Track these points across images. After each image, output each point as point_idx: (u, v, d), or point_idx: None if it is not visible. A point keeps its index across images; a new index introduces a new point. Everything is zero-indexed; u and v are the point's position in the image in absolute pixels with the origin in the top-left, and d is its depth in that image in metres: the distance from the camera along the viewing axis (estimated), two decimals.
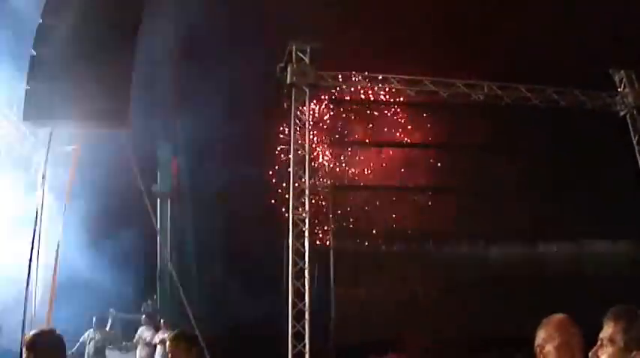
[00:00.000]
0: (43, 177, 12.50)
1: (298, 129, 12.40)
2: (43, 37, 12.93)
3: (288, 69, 12.49)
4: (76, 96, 11.97)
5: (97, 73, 12.67)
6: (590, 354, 2.64)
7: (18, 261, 12.17)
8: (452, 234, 12.51)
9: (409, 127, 12.89)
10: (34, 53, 12.75)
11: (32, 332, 4.06)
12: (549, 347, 2.80)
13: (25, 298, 11.90)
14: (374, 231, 12.54)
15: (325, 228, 12.42)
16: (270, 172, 12.68)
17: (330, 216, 12.52)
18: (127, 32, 13.06)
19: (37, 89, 12.14)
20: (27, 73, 12.30)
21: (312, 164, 12.53)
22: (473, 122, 13.24)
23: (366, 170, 12.79)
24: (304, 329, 11.70)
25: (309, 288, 11.81)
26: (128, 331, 12.62)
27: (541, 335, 2.86)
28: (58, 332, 3.89)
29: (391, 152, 12.91)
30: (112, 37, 13.06)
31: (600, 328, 2.65)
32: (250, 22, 12.41)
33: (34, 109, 12.33)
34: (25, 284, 12.03)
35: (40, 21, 12.76)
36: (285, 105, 12.66)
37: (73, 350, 11.20)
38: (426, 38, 12.67)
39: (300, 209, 12.13)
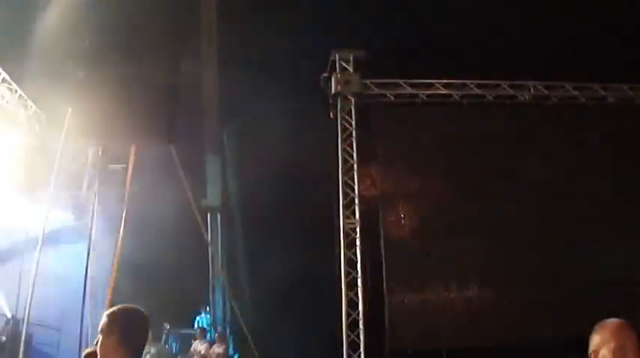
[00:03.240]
0: (95, 195, 12.79)
1: (345, 138, 12.38)
2: (89, 58, 13.18)
3: (332, 78, 12.49)
4: (122, 114, 12.21)
5: (144, 91, 12.88)
6: None
7: (72, 274, 12.48)
8: (507, 239, 12.33)
9: (460, 132, 12.75)
10: (81, 74, 13.00)
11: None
12: (604, 352, 2.76)
13: (83, 305, 12.21)
14: (425, 238, 12.43)
15: (377, 236, 12.34)
16: (321, 182, 12.66)
17: (380, 224, 12.45)
18: (172, 50, 13.23)
19: (83, 108, 12.40)
20: (73, 93, 12.56)
21: (361, 173, 12.47)
22: (521, 122, 13.06)
23: (416, 177, 12.68)
24: (359, 338, 11.68)
25: (362, 298, 11.79)
26: (183, 345, 12.73)
27: (595, 340, 2.83)
28: None
29: (442, 159, 12.77)
30: (156, 56, 13.26)
31: None
32: (294, 32, 12.44)
33: (79, 128, 12.59)
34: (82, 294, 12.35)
35: (86, 43, 13.02)
36: (331, 114, 12.65)
37: None
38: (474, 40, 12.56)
39: (351, 218, 12.11)
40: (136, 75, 12.77)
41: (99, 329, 3.06)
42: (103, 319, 3.07)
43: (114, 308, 3.12)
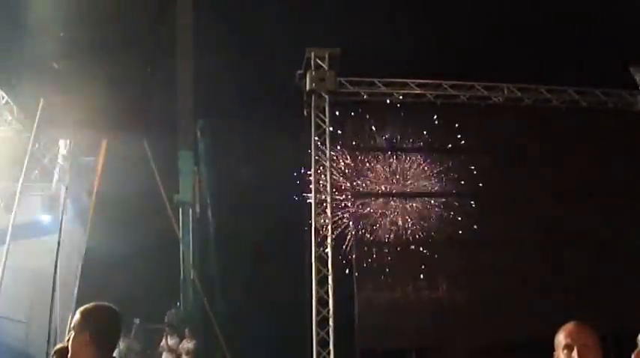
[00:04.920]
0: (67, 188, 12.68)
1: (319, 136, 12.39)
2: (63, 50, 13.09)
3: (307, 76, 12.49)
4: (94, 106, 12.12)
5: (118, 84, 12.80)
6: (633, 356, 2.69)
7: (42, 268, 12.36)
8: (476, 239, 12.43)
9: (433, 132, 12.86)
10: (55, 66, 12.90)
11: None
12: (558, 353, 2.83)
13: (52, 299, 12.10)
14: (396, 237, 12.51)
15: (348, 234, 12.40)
16: (293, 179, 12.70)
17: (352, 222, 12.51)
18: (144, 44, 13.17)
19: (56, 100, 12.30)
20: (46, 84, 12.45)
21: (334, 171, 12.51)
22: (492, 124, 13.17)
23: (388, 176, 12.75)
24: (328, 335, 11.69)
25: (332, 295, 11.80)
26: (152, 340, 12.67)
27: (555, 342, 2.90)
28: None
29: (414, 158, 12.86)
30: (131, 50, 13.18)
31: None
32: (270, 29, 12.45)
33: (51, 120, 12.48)
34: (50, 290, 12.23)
35: (61, 34, 12.91)
36: (305, 112, 12.65)
37: None
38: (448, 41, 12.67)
39: (323, 216, 12.13)
40: (110, 68, 12.68)
41: (71, 325, 3.02)
42: (76, 316, 3.03)
43: (87, 306, 3.07)
